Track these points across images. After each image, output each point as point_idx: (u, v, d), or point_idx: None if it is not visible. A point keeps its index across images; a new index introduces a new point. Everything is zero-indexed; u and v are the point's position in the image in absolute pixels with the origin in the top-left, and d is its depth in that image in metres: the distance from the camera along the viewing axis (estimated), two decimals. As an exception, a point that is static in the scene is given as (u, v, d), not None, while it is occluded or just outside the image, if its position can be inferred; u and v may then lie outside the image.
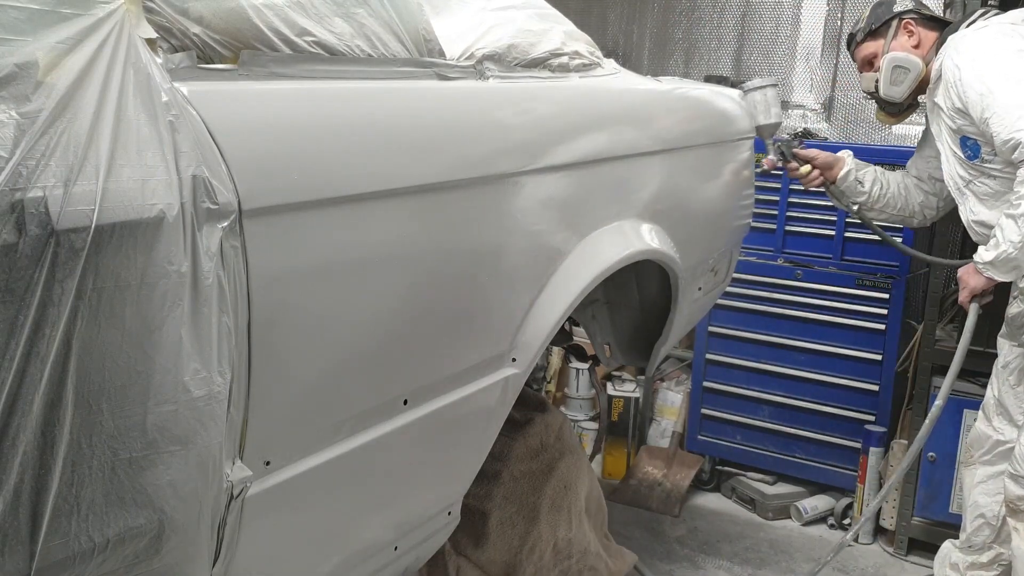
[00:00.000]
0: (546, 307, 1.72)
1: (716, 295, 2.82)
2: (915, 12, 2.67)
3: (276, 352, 1.16)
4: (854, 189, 2.86)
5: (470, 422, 1.65)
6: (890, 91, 2.68)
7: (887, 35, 2.68)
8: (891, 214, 2.87)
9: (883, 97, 2.71)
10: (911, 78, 2.63)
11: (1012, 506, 2.42)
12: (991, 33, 2.41)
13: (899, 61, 2.64)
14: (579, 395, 4.01)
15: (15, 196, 0.83)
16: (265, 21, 1.23)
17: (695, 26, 4.23)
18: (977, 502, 2.62)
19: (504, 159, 1.59)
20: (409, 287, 1.39)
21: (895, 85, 2.66)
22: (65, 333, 0.88)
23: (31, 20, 0.88)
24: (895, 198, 2.83)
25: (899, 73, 2.64)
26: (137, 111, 0.95)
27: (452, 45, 1.65)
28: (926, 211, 2.86)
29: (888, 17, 2.69)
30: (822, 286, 3.51)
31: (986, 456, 2.60)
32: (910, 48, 2.64)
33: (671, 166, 2.21)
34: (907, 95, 2.67)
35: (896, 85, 2.66)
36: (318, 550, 1.36)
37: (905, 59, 2.63)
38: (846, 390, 3.51)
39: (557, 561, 2.19)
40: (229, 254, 1.05)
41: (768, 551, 3.31)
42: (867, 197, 2.85)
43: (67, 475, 0.91)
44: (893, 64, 2.64)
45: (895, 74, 2.65)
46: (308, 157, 1.20)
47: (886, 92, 2.68)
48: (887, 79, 2.66)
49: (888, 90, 2.68)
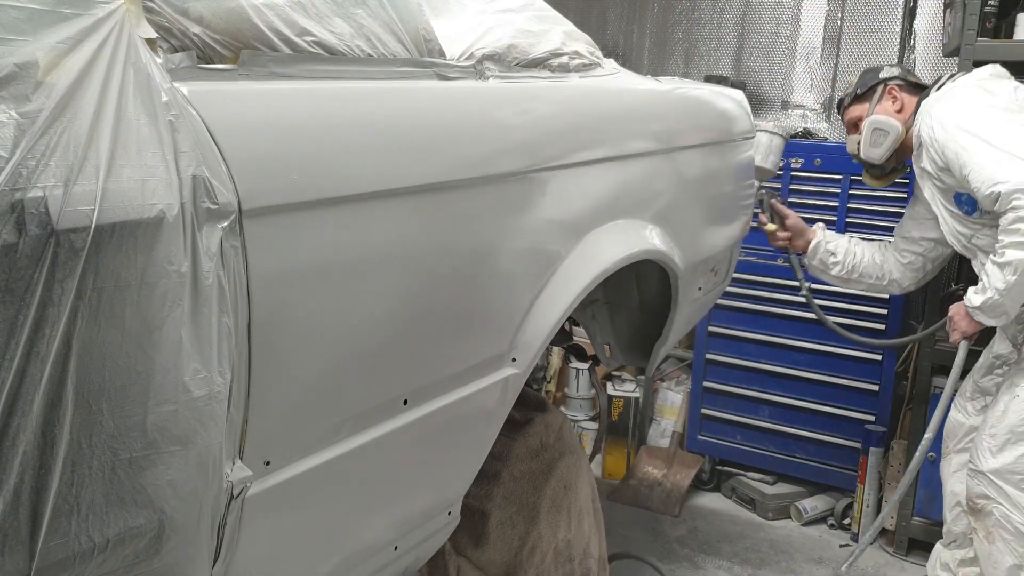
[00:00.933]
0: (546, 307, 1.72)
1: (716, 295, 2.82)
2: (901, 79, 2.79)
3: (276, 352, 1.16)
4: (827, 260, 2.95)
5: (470, 422, 1.65)
6: (869, 152, 2.77)
7: (872, 100, 2.80)
8: (869, 284, 2.94)
9: (863, 158, 2.81)
10: (890, 140, 2.73)
11: (972, 504, 2.43)
12: (958, 93, 2.51)
13: (878, 124, 2.75)
14: (579, 395, 4.01)
15: (15, 196, 0.83)
16: (265, 21, 1.23)
17: (695, 26, 4.23)
18: (954, 491, 2.65)
19: (504, 159, 1.59)
20: (409, 287, 1.39)
21: (874, 147, 2.75)
22: (65, 333, 0.88)
23: (31, 20, 0.88)
24: (870, 268, 2.91)
25: (878, 135, 2.74)
26: (137, 111, 0.95)
27: (452, 45, 1.65)
28: (908, 275, 2.89)
29: (874, 83, 2.81)
30: (822, 286, 3.51)
31: (960, 444, 2.64)
32: (892, 112, 2.75)
33: (671, 166, 2.20)
34: (886, 156, 2.76)
35: (875, 147, 2.75)
36: (318, 550, 1.36)
37: (884, 122, 2.74)
38: (846, 390, 3.51)
39: (558, 564, 2.19)
40: (229, 254, 1.05)
41: (768, 551, 3.31)
42: (841, 268, 2.93)
43: (67, 475, 0.91)
44: (873, 127, 2.76)
45: (874, 136, 2.75)
46: (308, 157, 1.20)
47: (865, 153, 2.78)
48: (867, 141, 2.77)
49: (867, 151, 2.78)
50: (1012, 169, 2.22)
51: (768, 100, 4.10)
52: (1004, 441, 2.33)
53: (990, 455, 2.35)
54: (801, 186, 3.55)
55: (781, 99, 4.09)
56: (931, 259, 2.85)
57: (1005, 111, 2.36)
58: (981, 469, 2.37)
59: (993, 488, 2.34)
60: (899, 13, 3.77)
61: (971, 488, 2.42)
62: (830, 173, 3.48)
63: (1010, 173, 2.22)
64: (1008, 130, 2.30)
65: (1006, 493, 2.31)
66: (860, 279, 2.93)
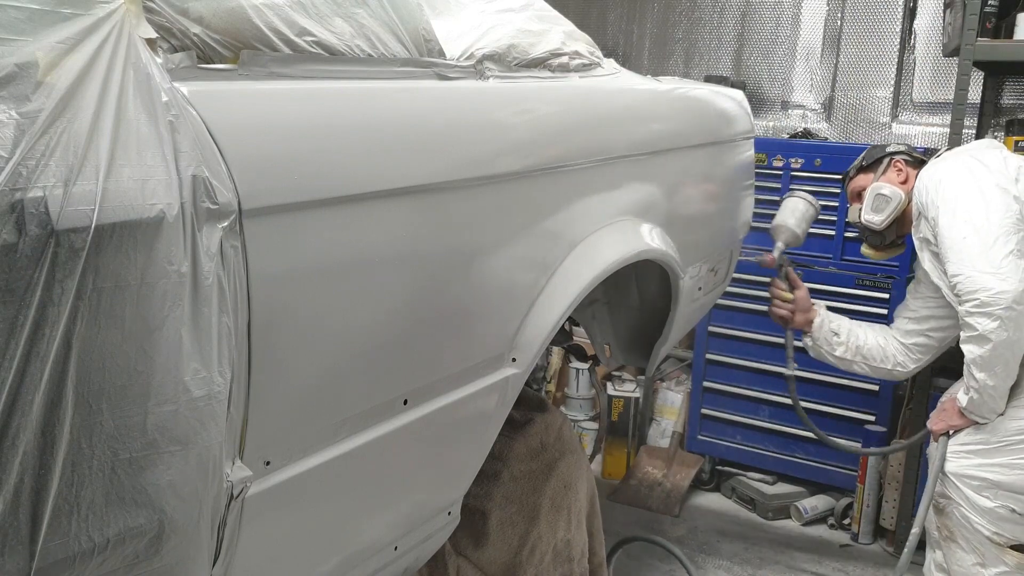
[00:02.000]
0: (546, 307, 1.72)
1: (716, 295, 2.82)
2: (907, 154, 2.81)
3: (276, 352, 1.16)
4: (830, 340, 2.91)
5: (470, 422, 1.65)
6: (870, 217, 2.77)
7: (877, 171, 2.81)
8: (872, 367, 2.87)
9: (864, 224, 2.79)
10: (892, 207, 2.73)
11: (935, 503, 2.47)
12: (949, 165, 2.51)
13: (881, 190, 2.75)
14: (579, 395, 4.01)
15: (15, 196, 0.83)
16: (265, 21, 1.23)
17: (695, 26, 4.23)
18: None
19: (504, 159, 1.59)
20: (409, 287, 1.39)
21: (876, 212, 2.75)
22: (65, 333, 0.88)
23: (31, 20, 0.88)
24: (874, 350, 2.85)
25: (880, 200, 2.75)
26: (137, 111, 0.95)
27: (452, 45, 1.65)
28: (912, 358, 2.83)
29: (880, 156, 2.83)
30: (822, 286, 3.51)
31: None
32: (896, 182, 2.75)
33: (671, 166, 2.20)
34: (887, 223, 2.75)
35: (877, 212, 2.75)
36: (318, 550, 1.36)
37: (888, 189, 2.74)
38: (846, 390, 3.51)
39: (558, 564, 2.19)
40: (229, 254, 1.05)
41: (768, 551, 3.31)
42: (845, 348, 2.88)
43: (67, 475, 0.91)
44: (875, 192, 2.76)
45: (876, 201, 2.75)
46: (308, 157, 1.20)
47: (866, 217, 2.78)
48: (868, 205, 2.77)
49: (868, 216, 2.77)
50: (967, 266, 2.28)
51: (768, 100, 4.10)
52: (973, 450, 2.37)
53: (955, 458, 2.39)
54: (801, 186, 3.55)
55: (781, 99, 4.09)
56: (938, 339, 2.79)
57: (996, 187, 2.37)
58: (946, 471, 2.40)
59: (954, 490, 2.38)
60: (899, 13, 3.77)
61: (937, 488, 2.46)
62: (830, 173, 3.48)
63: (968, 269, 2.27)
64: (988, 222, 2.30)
65: (965, 495, 2.35)
66: (864, 361, 2.87)
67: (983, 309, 2.22)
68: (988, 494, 2.31)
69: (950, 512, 2.40)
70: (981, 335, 2.24)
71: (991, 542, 2.31)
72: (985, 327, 2.22)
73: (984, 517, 2.32)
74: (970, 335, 2.27)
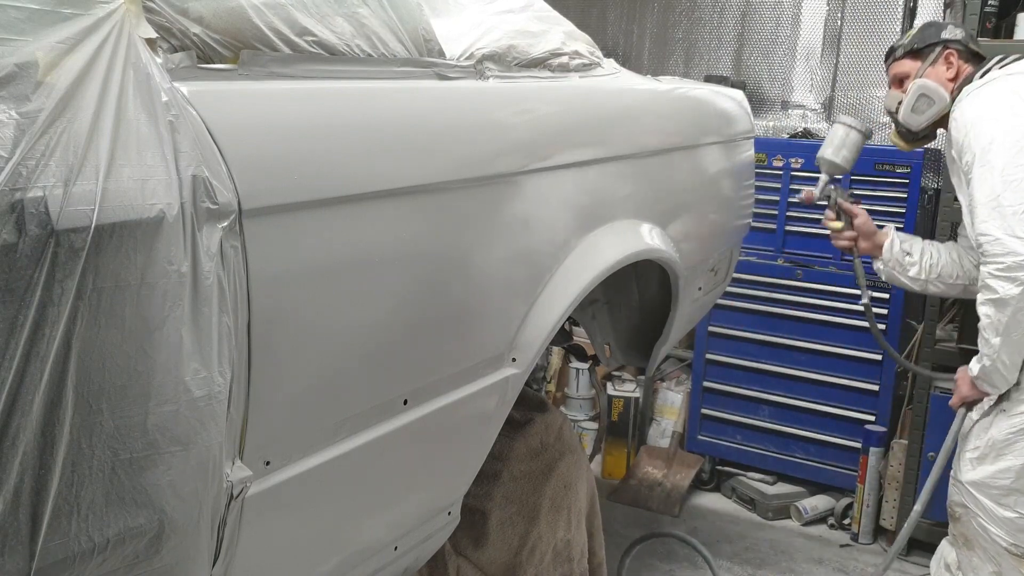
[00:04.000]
0: (546, 307, 1.72)
1: (716, 295, 2.82)
2: (962, 45, 2.53)
3: (276, 352, 1.16)
4: (902, 261, 2.68)
5: (470, 422, 1.65)
6: (909, 118, 2.57)
7: (927, 59, 2.55)
8: (949, 284, 2.67)
9: (901, 121, 2.61)
10: (933, 111, 2.53)
11: (951, 511, 2.41)
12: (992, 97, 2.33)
13: (926, 90, 2.52)
14: (579, 395, 4.01)
15: (15, 196, 0.83)
16: (265, 21, 1.23)
17: (695, 26, 4.23)
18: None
19: (504, 159, 1.59)
20: (409, 287, 1.39)
21: (916, 113, 2.55)
22: (65, 333, 0.88)
23: (31, 20, 0.88)
24: (949, 266, 2.64)
25: (923, 102, 2.53)
26: (137, 111, 0.95)
27: (452, 45, 1.65)
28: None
29: (933, 41, 2.55)
30: (822, 286, 3.51)
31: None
32: (944, 80, 2.51)
33: (671, 166, 2.21)
34: (924, 126, 2.57)
35: (916, 114, 2.55)
36: (318, 550, 1.36)
37: (933, 90, 2.51)
38: (846, 390, 3.51)
39: (558, 564, 2.19)
40: (229, 254, 1.05)
41: (768, 551, 3.31)
42: (919, 269, 2.66)
43: (67, 475, 0.91)
44: (919, 92, 2.53)
45: (919, 102, 2.53)
46: (308, 157, 1.20)
47: (904, 118, 2.59)
48: (909, 105, 2.55)
49: (907, 117, 2.57)
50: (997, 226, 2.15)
51: (768, 100, 4.10)
52: (984, 454, 2.30)
53: (970, 467, 2.32)
54: (802, 186, 3.54)
55: (781, 99, 4.09)
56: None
57: None
58: (960, 479, 2.35)
59: (971, 499, 2.31)
60: (899, 13, 3.77)
61: (952, 495, 2.40)
62: (830, 173, 3.47)
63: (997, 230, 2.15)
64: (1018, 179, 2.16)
65: (983, 505, 2.28)
66: (940, 279, 2.66)
67: (1008, 274, 2.12)
68: (1008, 502, 2.24)
69: (967, 521, 2.34)
70: (1002, 299, 2.13)
71: (1009, 553, 2.25)
72: (1007, 292, 2.12)
73: (1003, 528, 2.24)
74: (990, 298, 2.16)
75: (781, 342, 3.61)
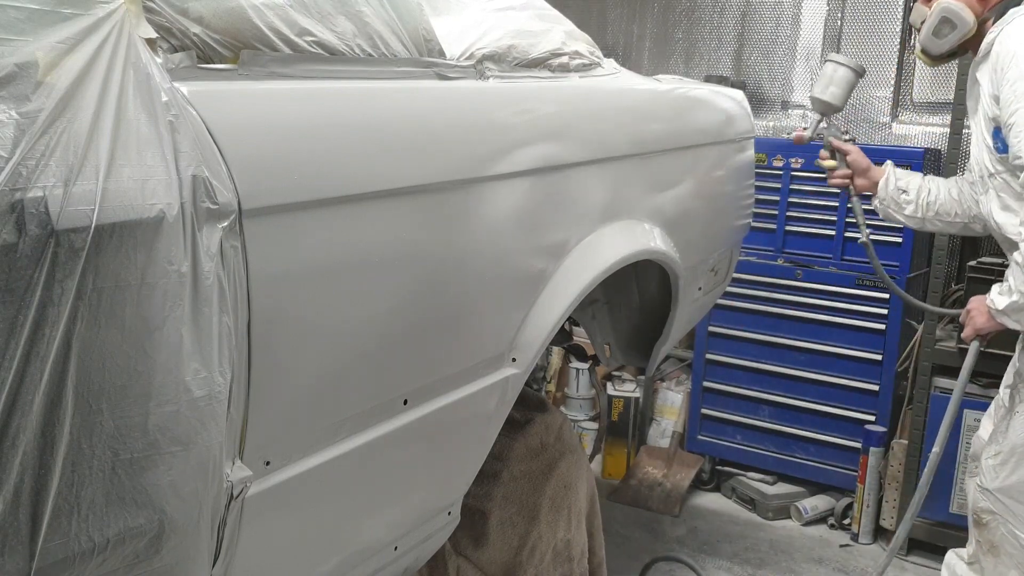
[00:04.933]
0: (546, 307, 1.72)
1: (716, 295, 2.82)
2: None
3: (276, 352, 1.16)
4: (898, 199, 2.61)
5: (470, 422, 1.65)
6: (928, 42, 2.44)
7: None
8: (947, 222, 2.59)
9: (921, 44, 2.49)
10: (954, 37, 2.38)
11: (977, 517, 2.37)
12: None
13: (949, 13, 2.36)
14: (579, 395, 4.01)
15: (15, 196, 0.83)
16: (265, 21, 1.23)
17: (695, 26, 4.23)
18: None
19: (504, 159, 1.59)
20: (409, 287, 1.39)
21: (936, 37, 2.40)
22: (65, 333, 0.88)
23: (31, 20, 0.88)
24: (947, 204, 2.56)
25: (944, 26, 2.38)
26: (137, 111, 0.95)
27: (452, 45, 1.65)
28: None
29: None
30: (822, 286, 3.51)
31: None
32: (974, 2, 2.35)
33: (671, 166, 2.20)
34: (944, 52, 2.43)
35: (937, 37, 2.40)
36: (318, 550, 1.36)
37: (956, 14, 2.35)
38: (846, 390, 3.51)
39: (558, 564, 2.19)
40: (229, 254, 1.05)
41: (768, 551, 3.31)
42: (915, 207, 2.58)
43: (67, 475, 0.91)
44: (942, 15, 2.38)
45: (940, 26, 2.38)
46: (308, 157, 1.20)
47: (923, 41, 2.46)
48: (930, 28, 2.41)
49: (927, 40, 2.44)
50: None
51: (768, 100, 4.10)
52: (1006, 460, 2.27)
53: (995, 474, 2.28)
54: (801, 186, 3.55)
55: (781, 99, 4.09)
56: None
57: None
58: (987, 487, 2.31)
59: (999, 505, 2.27)
60: (899, 13, 3.77)
61: (977, 501, 2.36)
62: (830, 173, 3.47)
63: None
64: None
65: (1012, 511, 2.25)
66: (938, 217, 2.57)
67: None
68: None
69: (994, 527, 2.29)
70: None
71: None
72: None
73: None
74: None
75: (781, 342, 3.60)
